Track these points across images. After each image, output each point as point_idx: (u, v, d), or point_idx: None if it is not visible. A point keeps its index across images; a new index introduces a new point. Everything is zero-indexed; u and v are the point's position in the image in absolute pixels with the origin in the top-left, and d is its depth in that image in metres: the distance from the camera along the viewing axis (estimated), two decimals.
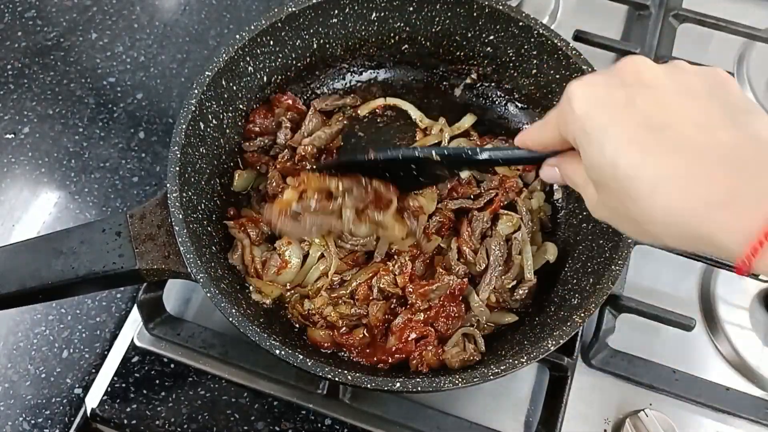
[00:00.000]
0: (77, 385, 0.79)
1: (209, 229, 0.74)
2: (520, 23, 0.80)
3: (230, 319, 0.62)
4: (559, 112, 0.49)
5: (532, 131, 0.55)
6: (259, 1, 1.12)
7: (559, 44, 0.76)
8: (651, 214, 0.43)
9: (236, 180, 0.81)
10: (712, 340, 0.83)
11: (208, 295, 0.63)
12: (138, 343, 0.80)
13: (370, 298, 0.74)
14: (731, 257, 0.41)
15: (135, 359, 0.80)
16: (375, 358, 0.71)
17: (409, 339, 0.71)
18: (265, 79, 0.83)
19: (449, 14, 0.84)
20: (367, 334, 0.73)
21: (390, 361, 0.71)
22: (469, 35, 0.85)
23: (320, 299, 0.74)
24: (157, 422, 0.76)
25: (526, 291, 0.75)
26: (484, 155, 0.58)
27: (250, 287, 0.75)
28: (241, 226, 0.77)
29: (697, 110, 0.43)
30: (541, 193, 0.84)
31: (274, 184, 0.80)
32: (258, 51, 0.79)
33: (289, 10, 0.79)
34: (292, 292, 0.76)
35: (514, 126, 0.89)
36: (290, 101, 0.85)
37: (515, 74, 0.86)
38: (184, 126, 0.71)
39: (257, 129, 0.84)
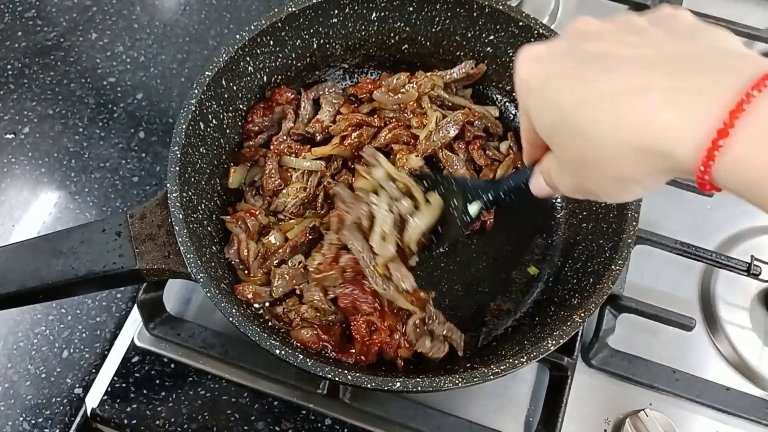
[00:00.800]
0: (77, 385, 0.79)
1: (209, 229, 0.74)
2: (520, 23, 0.80)
3: (230, 319, 0.62)
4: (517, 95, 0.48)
5: (524, 148, 0.55)
6: (259, 1, 1.12)
7: None
8: (602, 140, 0.39)
9: (231, 176, 0.81)
10: (712, 340, 0.83)
11: (208, 295, 0.63)
12: (138, 343, 0.80)
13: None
14: (687, 168, 0.36)
15: (135, 359, 0.80)
16: (354, 355, 0.71)
17: (365, 332, 0.70)
18: (265, 79, 0.83)
19: (449, 14, 0.84)
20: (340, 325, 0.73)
21: (367, 358, 0.70)
22: (469, 35, 0.86)
23: (292, 300, 0.74)
24: (157, 422, 0.76)
25: None
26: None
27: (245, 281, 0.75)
28: (238, 219, 0.77)
29: (640, 37, 0.41)
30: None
31: (273, 177, 0.80)
32: (258, 51, 0.79)
33: (289, 10, 0.79)
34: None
35: (514, 126, 0.89)
36: (290, 94, 0.85)
37: None
38: (184, 126, 0.71)
39: (256, 128, 0.84)
